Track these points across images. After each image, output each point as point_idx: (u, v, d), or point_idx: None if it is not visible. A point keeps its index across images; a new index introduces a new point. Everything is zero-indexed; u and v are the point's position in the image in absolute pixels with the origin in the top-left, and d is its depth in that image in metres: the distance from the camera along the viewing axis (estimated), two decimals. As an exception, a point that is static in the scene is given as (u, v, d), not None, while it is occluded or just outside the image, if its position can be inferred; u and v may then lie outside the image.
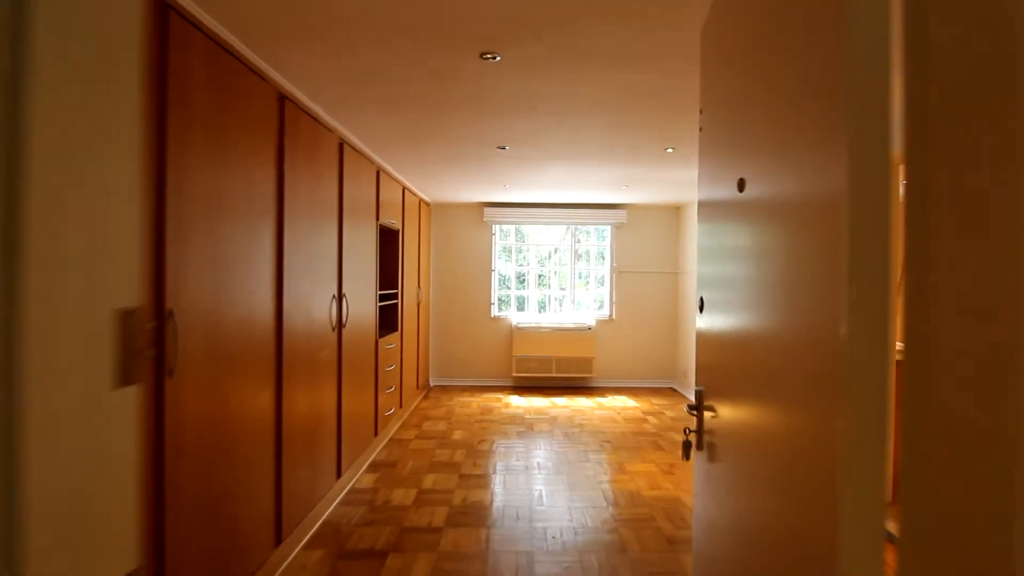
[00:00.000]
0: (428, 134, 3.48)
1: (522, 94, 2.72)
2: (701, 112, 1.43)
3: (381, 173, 4.26)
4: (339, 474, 3.38)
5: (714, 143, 1.33)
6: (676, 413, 5.57)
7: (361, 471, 3.80)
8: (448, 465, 3.98)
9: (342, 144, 3.36)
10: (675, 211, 6.90)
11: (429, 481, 3.67)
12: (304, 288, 2.81)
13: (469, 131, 3.40)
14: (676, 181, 5.07)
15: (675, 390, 6.69)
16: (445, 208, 6.81)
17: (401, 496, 3.42)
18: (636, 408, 5.78)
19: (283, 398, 2.56)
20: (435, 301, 6.80)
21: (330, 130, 3.16)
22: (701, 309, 1.39)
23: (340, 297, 3.33)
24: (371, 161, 4.00)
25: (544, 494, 3.48)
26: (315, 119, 2.93)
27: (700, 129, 1.44)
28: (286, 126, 2.57)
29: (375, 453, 4.18)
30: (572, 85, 2.59)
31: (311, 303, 2.90)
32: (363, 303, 3.84)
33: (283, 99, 2.55)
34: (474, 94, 2.73)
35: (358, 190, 3.71)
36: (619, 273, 6.91)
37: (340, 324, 3.33)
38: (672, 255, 6.92)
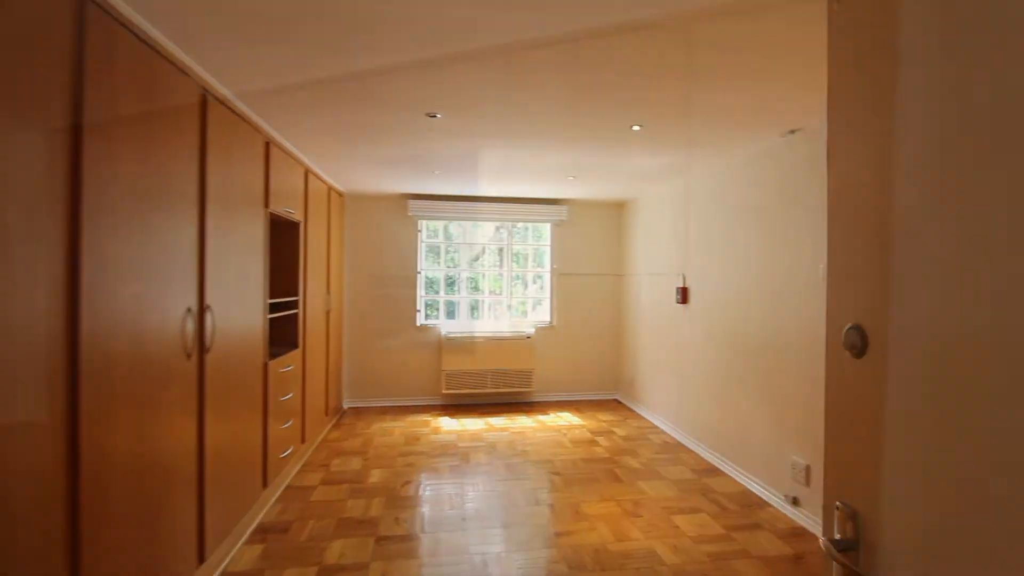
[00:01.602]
0: (334, 85, 2.60)
1: (459, 24, 1.94)
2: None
3: (272, 147, 3.30)
4: (203, 555, 2.42)
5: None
6: (626, 431, 4.97)
7: (241, 542, 2.84)
8: (362, 524, 3.09)
9: (205, 97, 2.41)
10: (618, 208, 6.35)
11: (335, 551, 2.78)
12: (130, 296, 1.86)
13: (390, 85, 2.56)
14: (632, 171, 4.46)
15: (619, 402, 6.12)
16: (362, 200, 5.85)
17: (294, 580, 2.51)
18: (582, 427, 5.13)
19: (81, 465, 1.61)
20: (350, 308, 5.82)
21: (183, 72, 2.22)
22: (862, 351, 0.67)
23: (203, 309, 2.38)
24: (256, 128, 3.04)
25: (488, 561, 2.69)
26: (152, 47, 1.99)
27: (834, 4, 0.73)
28: (89, 48, 1.63)
29: (263, 512, 3.21)
30: (524, 10, 1.84)
31: (144, 319, 1.95)
32: (244, 315, 2.88)
33: (83, 1, 1.61)
34: (391, 12, 1.91)
35: (235, 165, 2.76)
36: (560, 276, 6.26)
37: (203, 347, 2.38)
38: (615, 256, 6.36)
